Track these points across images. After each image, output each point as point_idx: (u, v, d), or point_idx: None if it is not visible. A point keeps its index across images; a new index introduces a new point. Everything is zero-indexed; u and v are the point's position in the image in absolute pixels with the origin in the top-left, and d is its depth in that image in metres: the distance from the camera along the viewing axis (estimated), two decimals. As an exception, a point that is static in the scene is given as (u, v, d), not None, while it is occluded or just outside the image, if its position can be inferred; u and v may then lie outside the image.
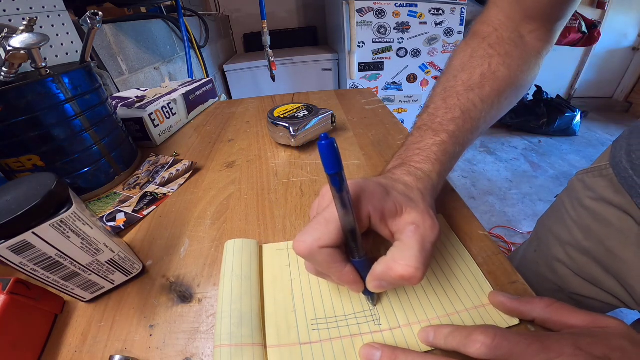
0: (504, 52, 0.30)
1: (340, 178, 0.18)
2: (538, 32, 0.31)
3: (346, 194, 0.19)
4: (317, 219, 0.21)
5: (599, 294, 0.38)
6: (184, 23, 1.13)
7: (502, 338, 0.18)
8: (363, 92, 0.72)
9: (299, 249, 0.20)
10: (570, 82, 2.67)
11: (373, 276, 0.21)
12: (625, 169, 0.34)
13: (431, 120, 0.29)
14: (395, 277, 0.19)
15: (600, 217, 0.36)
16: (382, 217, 0.21)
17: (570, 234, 0.40)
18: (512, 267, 0.26)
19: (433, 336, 0.20)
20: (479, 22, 0.34)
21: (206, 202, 0.38)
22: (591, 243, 0.37)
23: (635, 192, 0.32)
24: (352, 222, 0.20)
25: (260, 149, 0.49)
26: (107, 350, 0.22)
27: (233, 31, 2.25)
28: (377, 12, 1.57)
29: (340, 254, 0.21)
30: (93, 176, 0.40)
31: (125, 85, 0.81)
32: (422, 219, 0.21)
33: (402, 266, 0.19)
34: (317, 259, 0.21)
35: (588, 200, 0.38)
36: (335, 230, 0.20)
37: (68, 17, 0.56)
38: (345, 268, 0.21)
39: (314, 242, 0.20)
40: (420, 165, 0.26)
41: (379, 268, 0.20)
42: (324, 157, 0.17)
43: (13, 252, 0.20)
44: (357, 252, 0.21)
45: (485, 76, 0.30)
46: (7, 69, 0.32)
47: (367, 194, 0.21)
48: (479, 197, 1.69)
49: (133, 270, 0.27)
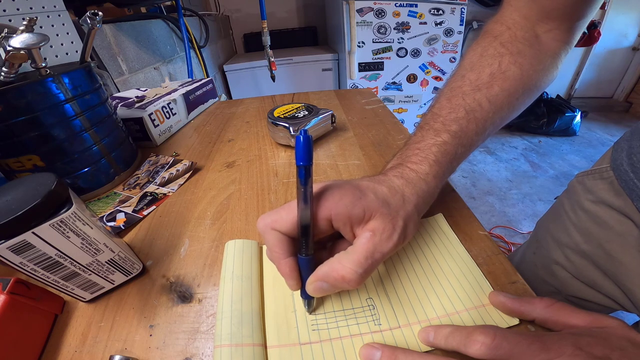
0: (516, 50, 0.29)
1: (307, 172, 0.19)
2: (555, 32, 0.30)
3: (309, 189, 0.20)
4: (283, 205, 0.22)
5: (597, 297, 0.38)
6: (184, 23, 1.13)
7: (502, 338, 0.18)
8: (363, 92, 0.72)
9: (258, 223, 0.22)
10: (570, 82, 2.67)
11: (315, 277, 0.21)
12: (626, 171, 0.33)
13: (434, 120, 0.28)
14: (336, 276, 0.20)
15: (600, 220, 0.36)
16: (345, 222, 0.21)
17: (570, 237, 0.40)
18: (512, 267, 0.26)
19: (433, 336, 0.20)
20: (492, 21, 0.32)
21: (206, 202, 0.38)
22: (590, 246, 0.37)
23: (635, 195, 0.32)
24: (308, 219, 0.20)
25: (260, 149, 0.49)
26: (107, 350, 0.22)
27: (233, 31, 2.25)
28: (377, 12, 1.57)
29: (288, 242, 0.22)
30: (93, 176, 0.40)
31: (125, 85, 0.81)
32: (383, 228, 0.21)
33: (344, 268, 0.20)
34: (266, 239, 0.22)
35: (588, 202, 0.38)
36: (292, 219, 0.21)
37: (68, 17, 0.56)
38: (286, 258, 0.22)
39: (269, 222, 0.22)
40: (416, 166, 0.26)
41: (324, 268, 0.21)
42: (299, 149, 0.19)
43: (13, 252, 0.20)
44: (305, 249, 0.21)
45: (495, 76, 0.28)
46: (7, 69, 0.32)
47: (335, 196, 0.21)
48: (479, 197, 1.69)
49: (133, 270, 0.27)
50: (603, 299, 0.37)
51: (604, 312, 0.38)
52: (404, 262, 0.27)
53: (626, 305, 0.35)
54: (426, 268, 0.26)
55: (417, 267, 0.26)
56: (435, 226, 0.30)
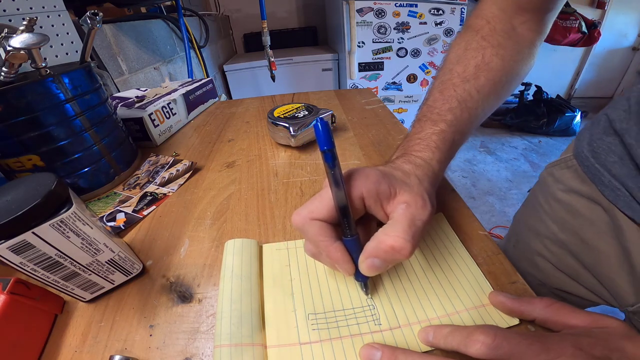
0: (497, 43, 0.31)
1: (333, 155, 0.20)
2: (530, 23, 0.32)
3: (338, 171, 0.20)
4: (314, 196, 0.23)
5: (579, 290, 0.38)
6: (184, 23, 1.13)
7: (502, 338, 0.18)
8: (363, 92, 0.72)
9: (294, 220, 0.22)
10: (570, 82, 2.67)
11: (365, 254, 0.21)
12: (587, 157, 0.35)
13: (430, 112, 0.30)
14: (385, 248, 0.20)
15: (572, 208, 0.37)
16: (376, 199, 0.22)
17: (547, 227, 0.41)
18: (512, 267, 0.26)
19: (432, 336, 0.20)
20: (473, 15, 0.35)
21: (206, 202, 0.38)
22: (566, 235, 0.38)
23: (599, 180, 0.33)
24: (344, 199, 0.21)
25: (260, 149, 0.49)
26: (107, 350, 0.22)
27: (233, 31, 2.25)
28: (377, 12, 1.57)
29: (331, 229, 0.22)
30: (93, 176, 0.40)
31: (125, 85, 0.81)
32: (414, 200, 0.22)
33: (392, 237, 0.20)
34: (308, 231, 0.22)
35: (559, 192, 0.39)
36: (329, 205, 0.21)
37: (68, 17, 0.56)
38: (334, 243, 0.22)
39: (307, 214, 0.22)
40: (420, 153, 0.27)
41: (371, 244, 0.21)
42: (319, 134, 0.20)
43: (13, 252, 0.20)
44: (349, 230, 0.22)
45: (480, 67, 0.31)
46: (7, 69, 0.32)
47: (361, 176, 0.22)
48: (479, 197, 1.69)
49: (133, 270, 0.27)
50: (585, 292, 0.38)
51: (589, 307, 0.38)
52: (404, 262, 0.27)
53: (605, 297, 0.36)
54: (426, 268, 0.26)
55: (417, 267, 0.26)
56: (435, 226, 0.30)
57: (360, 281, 0.24)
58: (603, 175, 0.33)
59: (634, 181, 0.29)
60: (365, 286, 0.24)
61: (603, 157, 0.33)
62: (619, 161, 0.31)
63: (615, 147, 0.32)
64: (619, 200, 0.31)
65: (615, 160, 0.31)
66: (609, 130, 0.33)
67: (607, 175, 0.32)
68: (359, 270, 0.22)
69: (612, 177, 0.32)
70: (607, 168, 0.32)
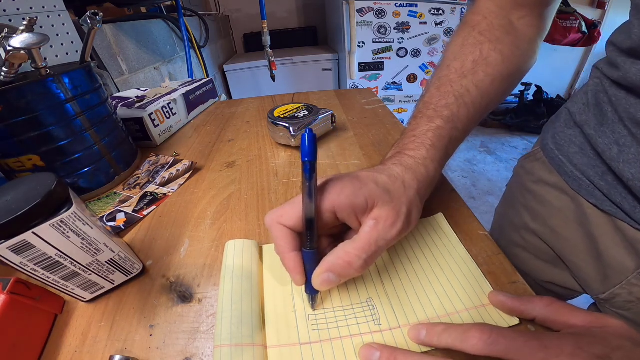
0: (495, 38, 0.31)
1: (312, 167, 0.20)
2: (528, 19, 0.32)
3: (314, 184, 0.21)
4: (289, 201, 0.23)
5: (563, 278, 0.39)
6: (184, 23, 1.13)
7: (499, 334, 0.18)
8: (363, 92, 0.72)
9: (266, 219, 0.23)
10: (570, 82, 2.67)
11: (322, 268, 0.21)
12: (552, 149, 0.36)
13: (426, 108, 0.30)
14: (343, 264, 0.20)
15: (542, 198, 0.38)
16: (350, 212, 0.22)
17: (521, 218, 0.42)
18: (512, 267, 0.26)
19: (425, 334, 0.20)
20: (470, 12, 0.34)
21: (206, 202, 0.38)
22: (537, 224, 0.39)
23: (562, 171, 0.35)
24: (312, 213, 0.21)
25: (260, 149, 0.49)
26: (107, 350, 0.22)
27: (233, 31, 2.25)
28: (377, 12, 1.57)
29: (294, 237, 0.22)
30: (93, 176, 0.40)
31: (125, 85, 0.81)
32: (386, 215, 0.22)
33: (348, 254, 0.21)
34: (273, 234, 0.23)
35: (530, 183, 0.40)
36: (298, 214, 0.22)
37: (68, 17, 0.56)
38: (291, 252, 0.22)
39: (276, 217, 0.22)
40: (414, 152, 0.26)
41: (329, 258, 0.21)
42: (304, 145, 0.20)
43: (13, 252, 0.20)
44: (310, 243, 0.22)
45: (478, 62, 0.30)
46: (7, 69, 0.32)
47: (336, 189, 0.22)
48: (479, 197, 1.69)
49: (133, 270, 0.27)
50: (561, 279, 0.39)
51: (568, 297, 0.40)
52: (404, 262, 0.27)
53: (569, 284, 0.37)
54: (426, 268, 0.26)
55: (417, 267, 0.26)
56: (435, 226, 0.30)
57: (309, 294, 0.23)
58: (566, 166, 0.34)
59: (595, 170, 0.31)
60: (313, 300, 0.23)
61: (565, 148, 0.34)
62: (579, 152, 0.33)
63: (576, 138, 0.33)
64: (581, 189, 0.33)
65: (577, 151, 0.33)
66: (570, 123, 0.34)
67: (569, 166, 0.34)
68: (310, 283, 0.22)
69: (574, 168, 0.33)
70: (570, 159, 0.34)
